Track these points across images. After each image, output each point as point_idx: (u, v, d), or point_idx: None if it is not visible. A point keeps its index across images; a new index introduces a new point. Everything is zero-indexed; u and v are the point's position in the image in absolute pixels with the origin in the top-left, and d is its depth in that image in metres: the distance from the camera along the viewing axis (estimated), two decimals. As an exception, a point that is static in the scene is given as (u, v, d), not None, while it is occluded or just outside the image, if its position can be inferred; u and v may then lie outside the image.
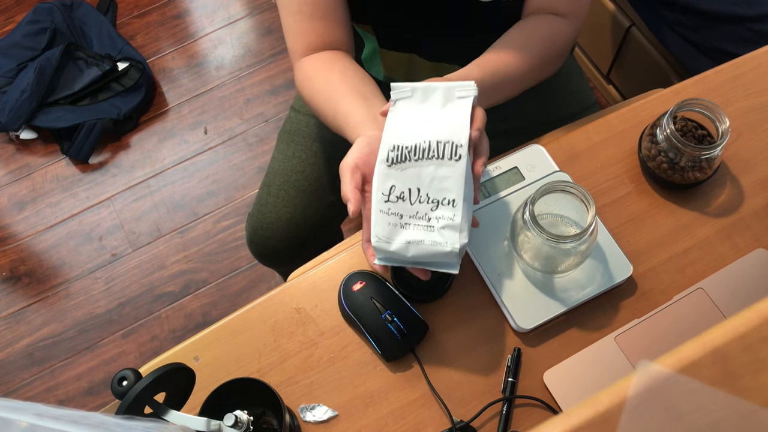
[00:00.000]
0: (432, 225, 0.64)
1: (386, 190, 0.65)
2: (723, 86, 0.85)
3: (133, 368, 0.57)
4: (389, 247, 0.64)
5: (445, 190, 0.63)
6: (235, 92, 1.80)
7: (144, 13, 1.93)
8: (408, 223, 0.64)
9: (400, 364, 0.74)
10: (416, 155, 0.64)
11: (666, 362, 0.41)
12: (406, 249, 0.64)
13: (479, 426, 0.71)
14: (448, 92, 0.66)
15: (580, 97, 1.02)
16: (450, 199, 0.63)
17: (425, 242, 0.63)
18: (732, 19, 1.04)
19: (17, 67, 1.76)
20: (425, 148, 0.64)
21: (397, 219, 0.64)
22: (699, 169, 0.75)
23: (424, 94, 0.67)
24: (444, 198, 0.63)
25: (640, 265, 0.76)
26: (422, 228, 0.64)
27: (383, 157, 0.65)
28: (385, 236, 0.64)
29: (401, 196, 0.64)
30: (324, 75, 0.78)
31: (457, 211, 0.63)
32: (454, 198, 0.63)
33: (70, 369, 1.53)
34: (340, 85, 0.76)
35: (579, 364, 0.72)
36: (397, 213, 0.65)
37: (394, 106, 0.67)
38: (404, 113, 0.67)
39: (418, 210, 0.64)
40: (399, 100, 0.67)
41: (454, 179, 0.63)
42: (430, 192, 0.64)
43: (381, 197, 0.65)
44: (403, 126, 0.66)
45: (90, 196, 1.71)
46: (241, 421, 0.62)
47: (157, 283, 1.60)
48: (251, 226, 1.02)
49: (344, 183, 0.66)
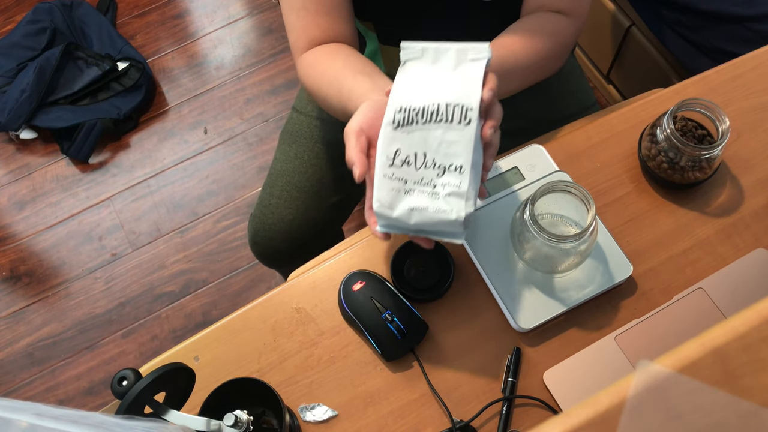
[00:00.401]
0: (437, 192, 0.61)
1: (391, 154, 0.62)
2: (723, 86, 0.85)
3: (133, 368, 0.57)
4: (392, 214, 0.62)
5: (453, 155, 0.60)
6: (235, 92, 1.80)
7: (144, 12, 1.93)
8: (412, 189, 0.61)
9: (400, 364, 0.74)
10: (424, 118, 0.61)
11: (666, 362, 0.41)
12: (409, 216, 0.61)
13: (479, 426, 0.71)
14: (461, 54, 0.63)
15: (580, 97, 1.02)
16: (457, 165, 0.60)
17: (429, 210, 0.61)
18: (732, 19, 1.04)
19: (17, 66, 1.75)
20: (434, 110, 0.60)
21: (401, 184, 0.62)
22: (699, 169, 0.75)
23: (435, 55, 0.63)
24: (451, 164, 0.60)
25: (640, 265, 0.76)
26: (427, 195, 0.61)
27: (389, 119, 0.62)
28: (387, 202, 0.62)
29: (406, 160, 0.61)
30: (328, 61, 0.77)
31: (464, 178, 0.60)
32: (462, 164, 0.60)
33: (70, 369, 1.53)
34: (345, 68, 0.74)
35: (579, 364, 0.72)
36: (401, 178, 0.62)
37: (403, 67, 0.64)
38: (414, 74, 0.63)
39: (424, 176, 0.61)
40: (409, 61, 0.64)
41: (463, 144, 0.60)
42: (437, 157, 0.61)
43: (385, 161, 0.62)
44: (411, 87, 0.63)
45: (90, 195, 1.71)
46: (241, 421, 0.62)
47: (157, 282, 1.60)
48: (253, 228, 1.02)
49: (349, 147, 0.63)
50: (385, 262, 0.78)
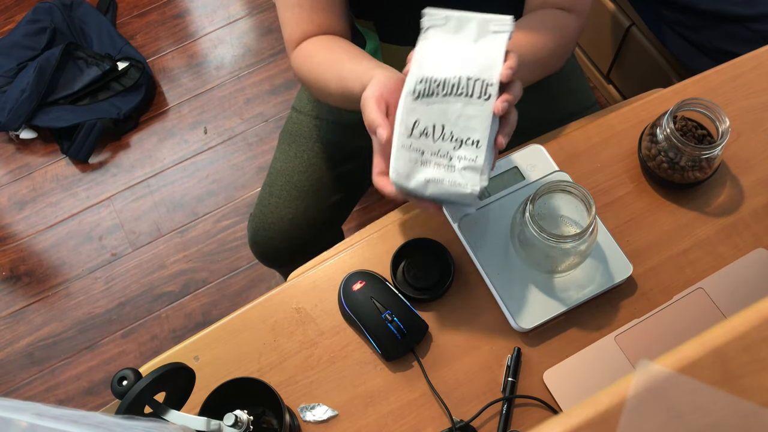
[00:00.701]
0: (453, 165, 0.62)
1: (410, 125, 0.62)
2: (723, 86, 0.85)
3: (133, 368, 0.57)
4: (408, 184, 0.63)
5: (471, 129, 0.61)
6: (235, 92, 1.80)
7: (144, 12, 1.93)
8: (429, 161, 0.62)
9: (400, 364, 0.74)
10: (444, 90, 0.62)
11: (666, 362, 0.41)
12: (424, 187, 0.63)
13: (479, 426, 0.71)
14: (483, 25, 0.63)
15: (580, 97, 1.01)
16: (474, 140, 0.61)
17: (445, 182, 0.62)
18: (732, 19, 1.04)
19: (17, 66, 1.75)
20: (455, 84, 0.61)
21: (418, 155, 0.63)
22: (699, 169, 0.75)
23: (458, 24, 0.64)
24: (468, 138, 0.61)
25: (640, 264, 0.76)
26: (443, 167, 0.62)
27: (410, 89, 0.62)
28: (404, 173, 0.63)
29: (425, 131, 0.62)
30: (325, 49, 0.78)
31: (480, 152, 0.61)
32: (479, 139, 0.61)
33: (70, 369, 1.53)
34: (343, 54, 0.75)
35: (579, 364, 0.72)
36: (418, 149, 0.62)
37: (425, 34, 0.65)
38: (436, 43, 0.64)
39: (441, 148, 0.62)
40: (431, 28, 0.65)
41: (481, 119, 0.61)
42: (455, 130, 0.62)
43: (404, 131, 0.63)
44: (433, 58, 0.63)
45: (90, 195, 1.71)
46: (241, 421, 0.62)
47: (156, 282, 1.60)
48: (253, 227, 1.02)
49: (370, 110, 0.63)
50: (385, 262, 0.78)
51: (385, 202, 1.63)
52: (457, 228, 0.77)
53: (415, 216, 0.81)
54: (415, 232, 0.79)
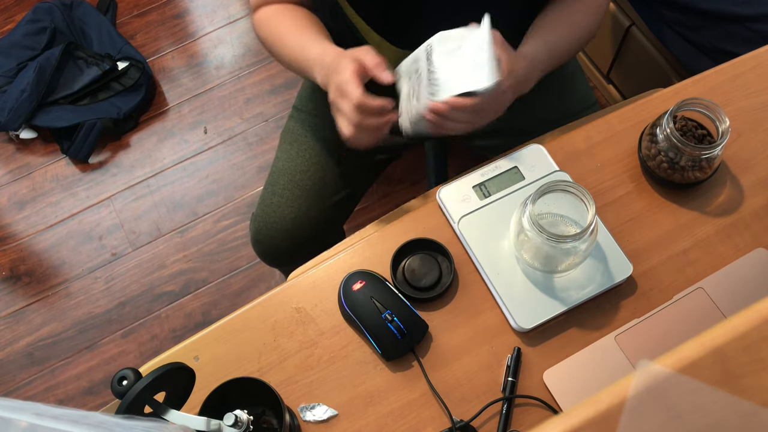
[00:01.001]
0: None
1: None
2: (723, 86, 0.85)
3: (133, 368, 0.57)
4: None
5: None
6: (235, 92, 1.80)
7: (144, 12, 1.93)
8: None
9: (400, 364, 0.74)
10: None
11: (666, 362, 0.41)
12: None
13: (479, 425, 0.71)
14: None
15: (581, 97, 1.01)
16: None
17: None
18: (732, 18, 1.03)
19: (17, 66, 1.75)
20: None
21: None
22: (699, 169, 0.75)
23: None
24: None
25: (640, 264, 0.76)
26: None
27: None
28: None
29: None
30: (290, 13, 0.87)
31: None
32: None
33: (70, 368, 1.53)
34: (310, 21, 0.85)
35: (579, 364, 0.72)
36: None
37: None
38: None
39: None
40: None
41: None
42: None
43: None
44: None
45: (90, 195, 1.71)
46: (241, 421, 0.62)
47: (156, 282, 1.60)
48: (255, 226, 1.02)
49: (344, 67, 0.73)
50: (385, 262, 0.78)
51: (386, 202, 1.63)
52: (457, 228, 0.78)
53: (415, 216, 0.81)
54: (415, 232, 0.79)
